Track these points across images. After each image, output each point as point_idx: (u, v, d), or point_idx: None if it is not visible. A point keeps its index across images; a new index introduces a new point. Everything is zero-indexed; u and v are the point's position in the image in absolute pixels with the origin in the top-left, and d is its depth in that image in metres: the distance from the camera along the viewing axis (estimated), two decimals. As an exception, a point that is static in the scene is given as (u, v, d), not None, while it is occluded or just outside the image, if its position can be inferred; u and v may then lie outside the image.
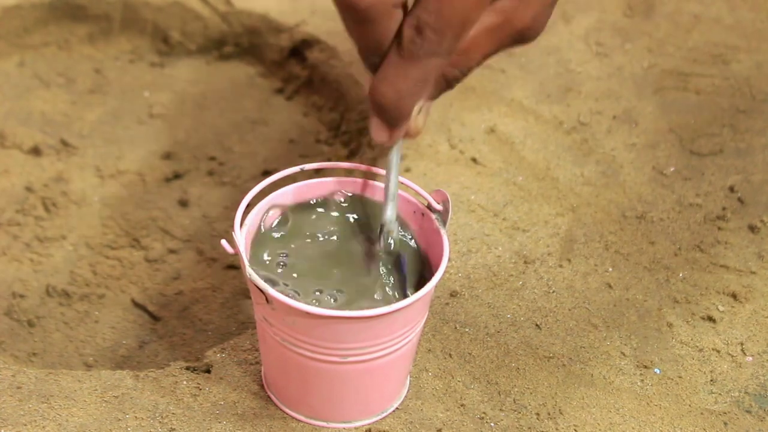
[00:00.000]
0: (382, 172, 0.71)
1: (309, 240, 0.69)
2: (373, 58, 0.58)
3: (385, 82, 0.58)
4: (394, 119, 0.60)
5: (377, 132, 0.61)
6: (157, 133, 1.07)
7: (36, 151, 1.02)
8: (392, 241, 0.67)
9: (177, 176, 1.01)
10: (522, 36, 0.60)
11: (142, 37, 1.18)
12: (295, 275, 0.67)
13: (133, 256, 0.92)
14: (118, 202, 0.97)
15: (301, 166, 0.70)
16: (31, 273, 0.90)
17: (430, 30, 0.55)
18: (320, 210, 0.70)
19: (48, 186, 0.98)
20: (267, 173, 1.01)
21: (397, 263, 0.67)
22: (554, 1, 0.60)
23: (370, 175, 0.71)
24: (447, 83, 0.60)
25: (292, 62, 1.15)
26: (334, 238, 0.69)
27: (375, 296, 0.66)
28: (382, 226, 0.67)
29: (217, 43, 1.18)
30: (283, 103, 1.13)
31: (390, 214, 0.66)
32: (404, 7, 0.57)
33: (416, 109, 0.60)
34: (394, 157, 0.65)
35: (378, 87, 0.58)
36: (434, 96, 0.61)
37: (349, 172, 0.83)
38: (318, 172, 0.90)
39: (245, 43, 1.18)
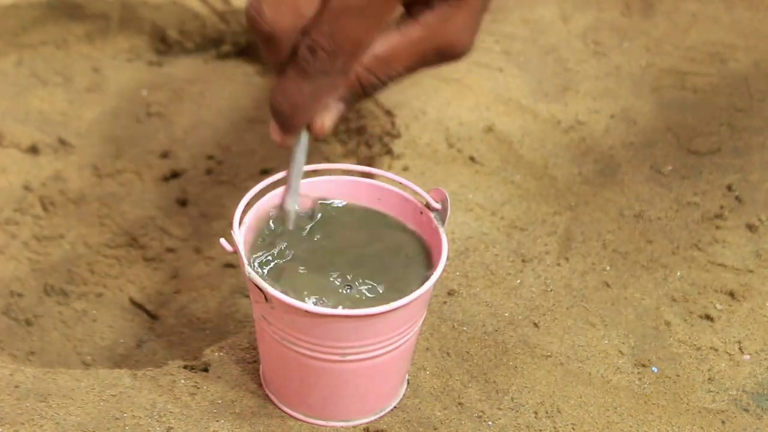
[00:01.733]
0: (381, 172, 0.71)
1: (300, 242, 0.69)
2: (277, 68, 0.61)
3: (281, 93, 0.61)
4: (287, 126, 0.63)
5: (273, 133, 0.64)
6: (155, 132, 1.07)
7: (34, 150, 1.02)
8: (273, 226, 0.68)
9: (175, 175, 1.01)
10: (446, 52, 0.62)
11: (140, 36, 1.18)
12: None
13: (131, 254, 0.92)
14: (116, 201, 0.97)
15: None
16: (28, 272, 0.90)
17: (322, 51, 0.58)
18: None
19: (46, 185, 0.98)
20: (265, 172, 1.01)
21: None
22: (479, 21, 0.61)
23: (367, 176, 0.71)
24: (363, 89, 0.62)
25: (290, 61, 1.15)
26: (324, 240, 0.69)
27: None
28: (279, 215, 0.68)
29: (215, 41, 1.18)
30: (281, 102, 1.13)
31: (290, 204, 0.67)
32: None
33: (322, 110, 0.63)
34: (297, 153, 0.66)
35: (275, 96, 0.62)
36: (348, 100, 0.63)
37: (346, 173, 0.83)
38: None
39: (243, 42, 1.18)
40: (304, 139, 0.66)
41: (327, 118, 0.63)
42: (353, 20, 0.57)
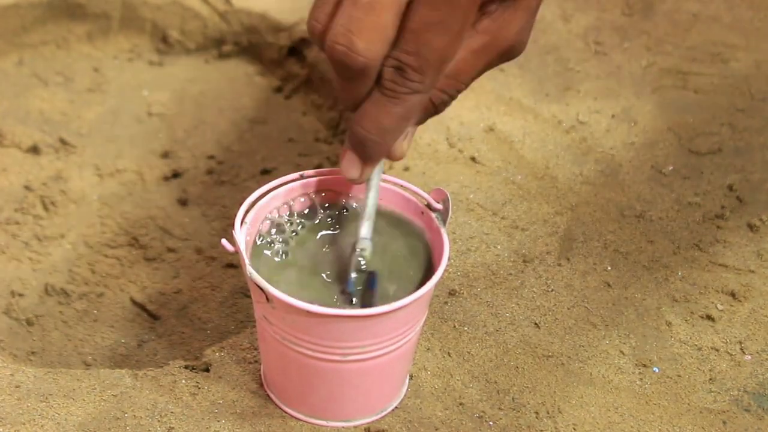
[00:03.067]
0: (382, 175, 0.71)
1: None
2: (358, 105, 0.60)
3: (366, 119, 0.59)
4: (372, 155, 0.62)
5: (349, 168, 0.63)
6: (156, 132, 1.07)
7: (35, 150, 1.02)
8: (363, 260, 0.66)
9: (176, 175, 1.01)
10: (508, 53, 0.61)
11: (141, 35, 1.18)
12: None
13: (131, 254, 0.92)
14: (117, 201, 0.97)
15: (301, 173, 0.70)
16: (29, 272, 0.90)
17: (410, 69, 0.57)
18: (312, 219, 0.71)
19: (47, 185, 0.98)
20: (266, 172, 1.01)
21: (368, 282, 0.66)
22: (535, 15, 0.61)
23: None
24: (435, 108, 0.62)
25: (291, 61, 1.15)
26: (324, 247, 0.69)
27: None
28: (354, 245, 0.66)
29: (216, 41, 1.18)
30: (282, 102, 1.13)
31: (364, 232, 0.66)
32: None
33: (402, 136, 0.62)
34: (375, 176, 0.65)
35: (361, 122, 0.60)
36: (421, 121, 0.62)
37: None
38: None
39: (244, 41, 1.18)
40: (380, 166, 0.65)
41: (405, 142, 0.63)
42: (436, 34, 0.56)
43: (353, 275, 0.66)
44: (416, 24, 0.56)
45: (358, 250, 0.66)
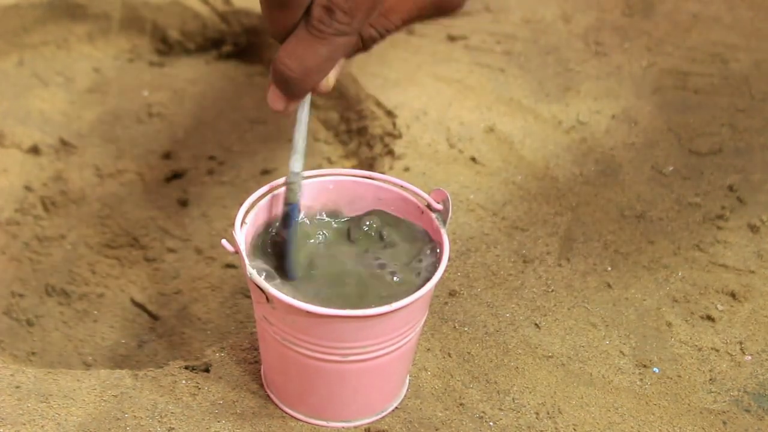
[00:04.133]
0: (381, 176, 0.71)
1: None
2: (285, 35, 0.59)
3: (292, 57, 0.59)
4: (296, 92, 0.61)
5: (275, 101, 0.62)
6: (156, 133, 1.07)
7: (35, 151, 1.02)
8: (297, 195, 0.66)
9: (176, 175, 1.01)
10: (442, 5, 0.61)
11: (141, 36, 1.18)
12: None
13: (132, 255, 0.92)
14: (118, 202, 0.97)
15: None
16: (30, 272, 0.90)
17: (340, 11, 0.57)
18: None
19: (47, 185, 0.98)
20: (266, 172, 1.01)
21: (286, 216, 0.67)
22: None
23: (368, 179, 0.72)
24: (363, 43, 0.61)
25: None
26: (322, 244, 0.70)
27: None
28: (285, 179, 0.67)
29: (216, 42, 1.18)
30: (282, 103, 1.13)
31: (294, 166, 0.66)
32: None
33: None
34: (302, 112, 0.65)
35: (284, 60, 0.59)
36: (350, 54, 0.62)
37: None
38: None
39: (244, 42, 1.18)
40: (307, 99, 0.64)
41: (331, 75, 0.62)
42: None
43: (295, 207, 0.67)
44: None
45: (288, 185, 0.66)
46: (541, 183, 0.93)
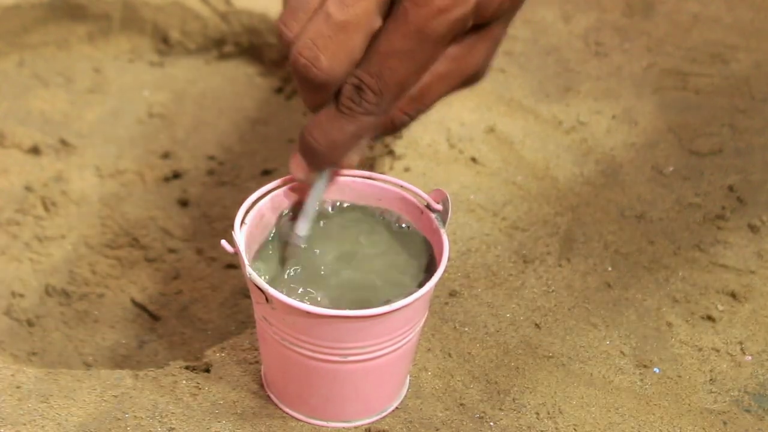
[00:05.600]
0: (381, 176, 0.71)
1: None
2: (318, 109, 0.61)
3: (319, 130, 0.60)
4: (319, 164, 0.62)
5: (297, 169, 0.64)
6: (157, 133, 1.07)
7: (35, 151, 1.02)
8: (294, 257, 0.67)
9: (176, 176, 1.01)
10: (472, 79, 0.62)
11: (142, 36, 1.18)
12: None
13: (132, 255, 0.92)
14: (118, 202, 0.97)
15: None
16: (30, 272, 0.90)
17: (369, 91, 0.58)
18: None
19: (47, 185, 0.98)
20: (266, 173, 1.01)
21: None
22: (499, 44, 0.61)
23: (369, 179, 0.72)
24: (394, 127, 0.62)
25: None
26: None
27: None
28: (289, 238, 0.67)
29: (217, 42, 1.18)
30: (283, 103, 1.13)
31: (300, 229, 0.67)
32: None
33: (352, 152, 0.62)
34: (320, 182, 0.66)
35: (311, 131, 0.61)
36: (378, 137, 0.63)
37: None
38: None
39: (245, 42, 1.18)
40: (327, 171, 0.65)
41: (355, 154, 0.63)
42: (402, 62, 0.57)
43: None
44: (384, 49, 0.56)
45: (290, 246, 0.67)
46: (541, 183, 0.93)
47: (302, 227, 0.67)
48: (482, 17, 0.58)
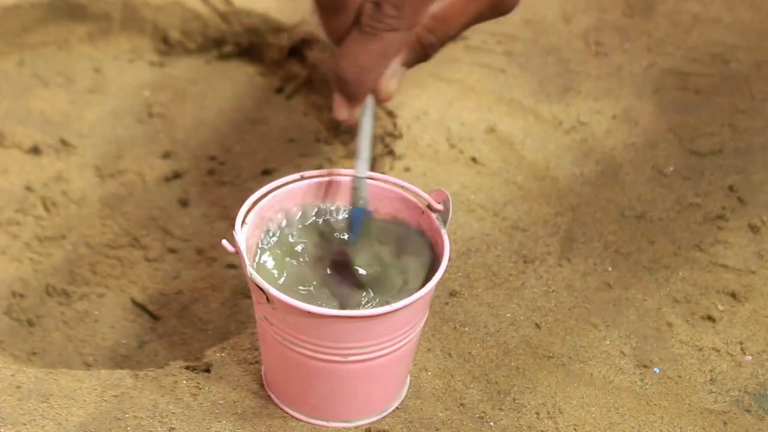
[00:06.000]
0: (381, 176, 0.71)
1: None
2: (341, 40, 0.60)
3: (345, 58, 0.59)
4: (355, 93, 0.61)
5: (338, 108, 0.62)
6: (157, 133, 1.07)
7: (35, 151, 1.02)
8: (363, 200, 0.67)
9: (177, 175, 1.01)
10: (499, 6, 0.60)
11: (142, 36, 1.18)
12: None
13: (132, 255, 0.92)
14: (118, 202, 0.97)
15: (301, 174, 0.70)
16: (30, 272, 0.90)
17: (389, 5, 0.57)
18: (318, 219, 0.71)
19: (47, 185, 0.98)
20: (267, 173, 1.01)
21: (354, 219, 0.67)
22: None
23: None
24: (423, 50, 0.61)
25: (291, 61, 1.15)
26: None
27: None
28: (351, 183, 0.67)
29: (217, 42, 1.18)
30: (283, 103, 1.13)
31: (360, 171, 0.66)
32: None
33: (388, 74, 0.61)
34: (365, 119, 0.65)
35: (339, 62, 0.60)
36: (410, 62, 0.62)
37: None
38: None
39: (245, 42, 1.18)
40: (370, 105, 0.64)
41: (392, 81, 0.62)
42: None
43: (353, 214, 0.67)
44: None
45: (353, 189, 0.67)
46: (541, 183, 0.93)
47: (360, 169, 0.66)
48: None
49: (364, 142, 0.66)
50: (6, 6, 1.13)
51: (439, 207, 0.69)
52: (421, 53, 0.61)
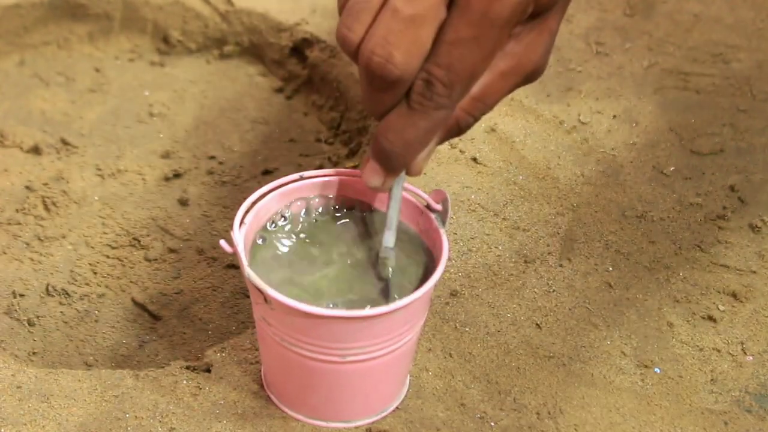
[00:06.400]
0: None
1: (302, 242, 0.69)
2: (385, 114, 0.59)
3: (392, 131, 0.59)
4: (396, 166, 0.62)
5: (372, 176, 0.63)
6: (157, 132, 1.07)
7: (36, 150, 1.02)
8: (390, 270, 0.66)
9: (177, 175, 1.01)
10: (532, 75, 0.62)
11: (142, 36, 1.18)
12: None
13: (133, 255, 0.92)
14: (118, 202, 0.97)
15: (300, 174, 0.70)
16: (31, 272, 0.90)
17: (440, 84, 0.57)
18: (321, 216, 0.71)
19: (48, 185, 0.98)
20: (267, 172, 1.01)
21: (385, 290, 0.66)
22: (555, 36, 0.61)
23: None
24: (459, 129, 0.62)
25: (292, 61, 1.15)
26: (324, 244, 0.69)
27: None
28: (378, 254, 0.67)
29: (218, 42, 1.18)
30: (284, 103, 1.13)
31: (387, 241, 0.66)
32: None
33: (423, 153, 0.62)
34: (396, 186, 0.65)
35: (386, 134, 0.60)
36: (443, 139, 0.62)
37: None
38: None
39: (245, 42, 1.18)
40: (402, 177, 0.65)
41: (424, 158, 0.63)
42: (470, 50, 0.56)
43: (379, 283, 0.66)
44: (450, 38, 0.56)
45: (380, 259, 0.66)
46: (542, 183, 0.93)
47: (389, 239, 0.66)
48: (541, 2, 0.58)
49: (395, 213, 0.66)
50: (6, 5, 1.13)
51: (438, 207, 0.69)
52: (456, 131, 0.61)
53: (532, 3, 0.57)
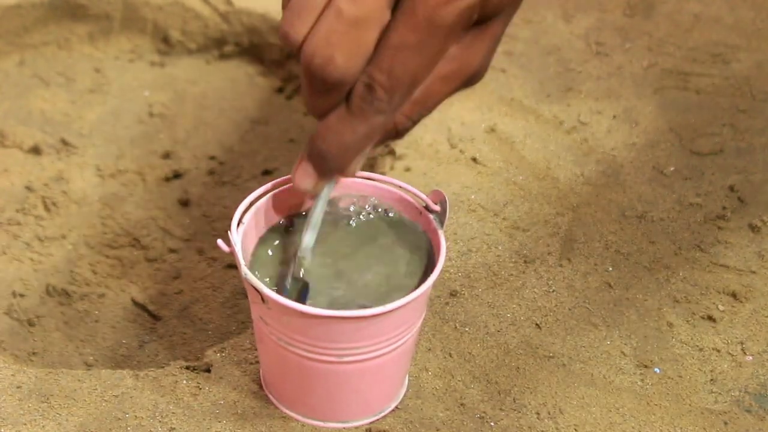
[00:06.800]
0: (380, 176, 0.71)
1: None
2: (324, 115, 0.59)
3: (330, 134, 0.58)
4: (331, 169, 0.61)
5: (303, 179, 0.61)
6: (157, 133, 1.07)
7: (36, 151, 1.02)
8: (302, 269, 0.66)
9: (177, 175, 1.01)
10: (473, 79, 0.61)
11: (143, 36, 1.18)
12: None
13: (133, 255, 0.92)
14: (118, 202, 0.97)
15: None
16: (31, 272, 0.90)
17: (381, 89, 0.56)
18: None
19: (48, 185, 0.98)
20: (267, 173, 1.01)
21: (300, 293, 0.66)
22: (499, 42, 0.60)
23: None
24: (396, 133, 0.61)
25: (292, 61, 1.15)
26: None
27: None
28: (295, 253, 0.66)
29: (218, 42, 1.18)
30: (284, 103, 1.13)
31: (307, 241, 0.65)
32: None
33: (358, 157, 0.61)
34: (325, 192, 0.64)
35: (323, 136, 0.59)
36: (380, 143, 0.61)
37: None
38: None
39: (245, 42, 1.18)
40: (333, 181, 0.64)
41: (358, 162, 0.62)
42: (411, 56, 0.55)
43: (288, 282, 0.66)
44: (394, 43, 0.55)
45: (298, 258, 0.65)
46: (542, 183, 0.93)
47: (309, 239, 0.65)
48: (487, 9, 0.57)
49: (319, 213, 0.65)
50: (6, 6, 1.13)
51: (437, 208, 0.69)
52: (393, 135, 0.61)
53: (477, 11, 0.56)
